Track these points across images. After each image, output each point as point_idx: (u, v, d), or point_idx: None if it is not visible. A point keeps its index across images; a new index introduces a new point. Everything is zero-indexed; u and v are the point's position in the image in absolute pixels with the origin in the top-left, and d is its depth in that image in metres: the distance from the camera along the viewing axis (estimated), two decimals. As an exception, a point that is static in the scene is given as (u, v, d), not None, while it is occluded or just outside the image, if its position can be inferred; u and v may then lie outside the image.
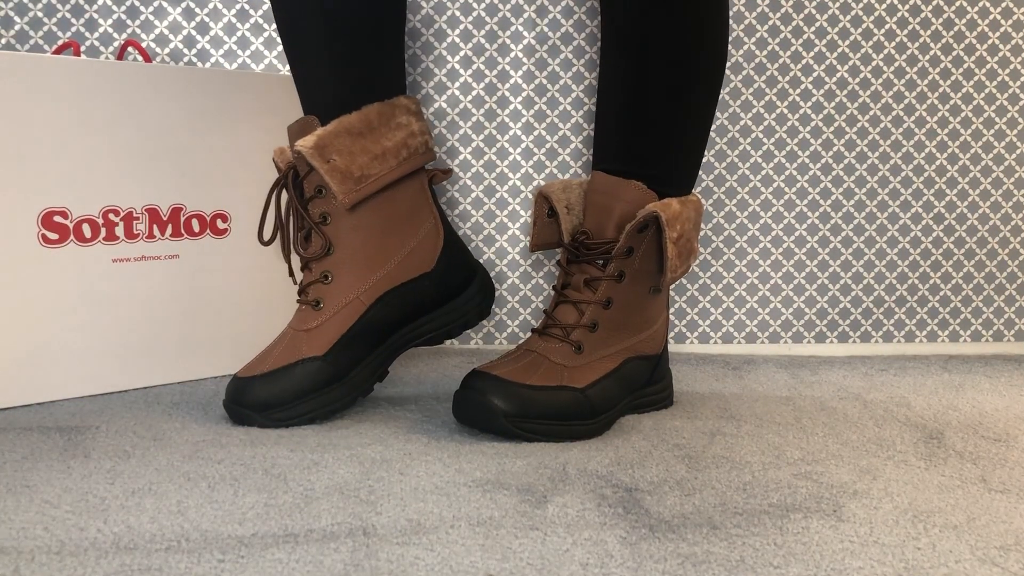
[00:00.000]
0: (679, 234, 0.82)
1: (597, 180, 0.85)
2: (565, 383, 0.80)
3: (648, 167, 0.84)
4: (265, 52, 1.11)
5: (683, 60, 0.83)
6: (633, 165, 0.84)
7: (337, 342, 0.82)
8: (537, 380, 0.80)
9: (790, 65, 1.19)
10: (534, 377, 0.80)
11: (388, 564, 0.55)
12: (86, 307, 0.89)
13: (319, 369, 0.81)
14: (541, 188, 0.88)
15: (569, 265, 0.86)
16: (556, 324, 0.84)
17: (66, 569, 0.53)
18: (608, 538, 0.60)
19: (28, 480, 0.67)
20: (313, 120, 0.83)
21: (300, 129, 0.84)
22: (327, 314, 0.83)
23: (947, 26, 1.21)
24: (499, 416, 0.77)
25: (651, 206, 0.81)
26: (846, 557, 0.58)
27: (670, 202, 0.82)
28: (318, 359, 0.82)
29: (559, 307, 0.85)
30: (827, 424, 0.88)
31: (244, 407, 0.81)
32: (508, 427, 0.78)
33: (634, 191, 0.83)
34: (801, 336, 1.23)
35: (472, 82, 1.15)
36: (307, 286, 0.84)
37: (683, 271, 0.85)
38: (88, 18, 1.08)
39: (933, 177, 1.23)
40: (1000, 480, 0.73)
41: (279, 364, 0.81)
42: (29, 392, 0.87)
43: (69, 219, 0.88)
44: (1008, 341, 1.27)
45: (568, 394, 0.80)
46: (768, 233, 1.21)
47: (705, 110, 0.86)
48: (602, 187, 0.84)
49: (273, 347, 0.83)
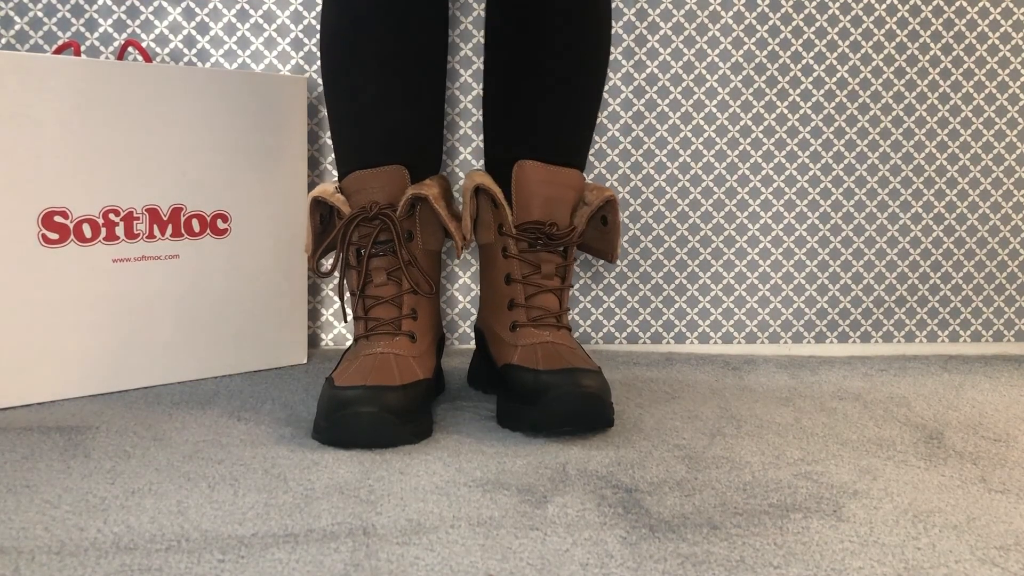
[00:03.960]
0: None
1: (540, 171, 0.86)
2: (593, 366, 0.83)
3: (578, 155, 0.90)
4: (265, 52, 1.11)
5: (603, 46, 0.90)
6: (567, 155, 0.88)
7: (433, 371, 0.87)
8: (592, 366, 0.82)
9: (790, 65, 1.19)
10: (589, 363, 0.82)
11: (388, 564, 0.55)
12: (86, 307, 0.89)
13: (429, 387, 0.84)
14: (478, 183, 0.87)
15: (525, 254, 0.87)
16: (549, 313, 0.86)
17: (66, 569, 0.53)
18: (608, 538, 0.60)
19: (28, 480, 0.67)
20: (402, 169, 0.86)
21: (391, 177, 0.85)
22: (423, 346, 0.86)
23: (947, 26, 1.21)
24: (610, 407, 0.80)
25: (599, 191, 0.87)
26: (846, 557, 0.58)
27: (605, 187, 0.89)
28: (430, 380, 0.84)
29: (539, 296, 0.86)
30: (827, 424, 0.88)
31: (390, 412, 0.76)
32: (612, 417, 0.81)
33: (576, 178, 0.88)
34: (801, 336, 1.23)
35: (472, 82, 1.15)
36: (400, 319, 0.85)
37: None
38: (88, 18, 1.08)
39: (933, 177, 1.23)
40: (1000, 480, 0.73)
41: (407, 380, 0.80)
42: (29, 392, 0.87)
43: (69, 219, 0.88)
44: (1008, 341, 1.27)
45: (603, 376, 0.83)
46: (768, 233, 1.21)
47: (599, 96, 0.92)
48: (548, 177, 0.86)
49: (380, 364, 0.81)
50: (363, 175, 0.86)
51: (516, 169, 0.87)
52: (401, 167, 0.86)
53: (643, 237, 1.19)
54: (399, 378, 0.79)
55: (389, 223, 0.84)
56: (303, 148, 1.03)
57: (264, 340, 1.02)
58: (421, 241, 0.87)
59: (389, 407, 0.76)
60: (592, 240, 0.91)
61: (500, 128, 0.90)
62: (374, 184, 0.85)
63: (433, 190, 0.86)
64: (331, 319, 1.16)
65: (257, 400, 0.90)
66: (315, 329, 1.16)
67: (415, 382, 0.80)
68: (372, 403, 0.75)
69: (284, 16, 1.11)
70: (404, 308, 0.86)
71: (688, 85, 1.17)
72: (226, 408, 0.87)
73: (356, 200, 0.86)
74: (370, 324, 0.85)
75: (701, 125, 1.18)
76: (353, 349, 0.86)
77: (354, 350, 0.85)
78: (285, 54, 1.11)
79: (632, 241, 1.19)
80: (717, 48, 1.17)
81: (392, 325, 0.85)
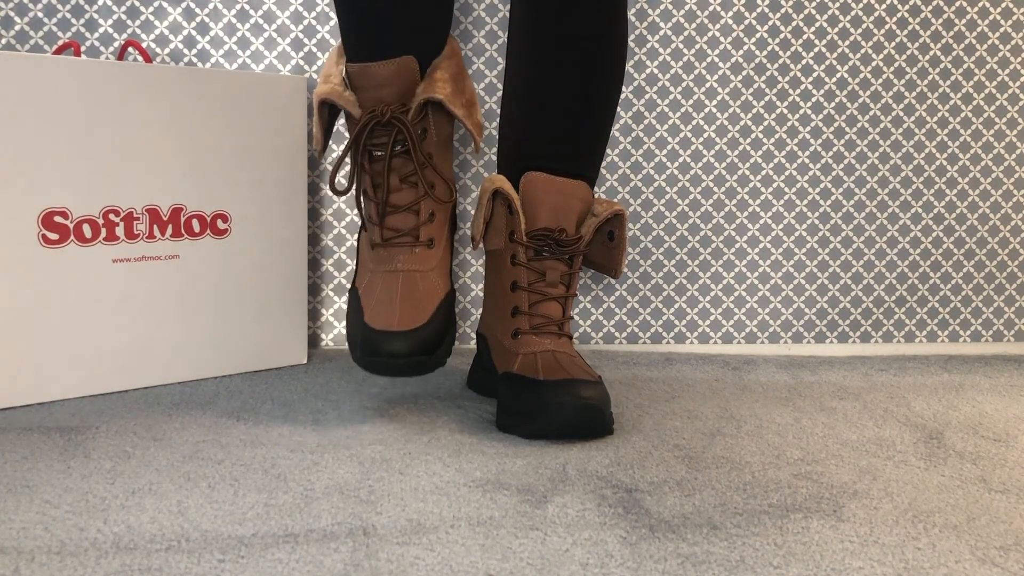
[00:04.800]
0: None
1: (548, 181, 0.87)
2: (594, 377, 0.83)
3: (588, 168, 0.89)
4: (265, 52, 1.11)
5: (619, 64, 0.90)
6: (576, 166, 0.88)
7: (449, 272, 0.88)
8: (592, 376, 0.82)
9: (790, 65, 1.19)
10: (589, 372, 0.83)
11: (388, 564, 0.55)
12: (86, 307, 0.89)
13: (451, 299, 0.86)
14: (497, 186, 0.87)
15: (532, 262, 0.87)
16: (551, 321, 0.86)
17: (66, 569, 0.53)
18: (608, 538, 0.60)
19: (28, 480, 0.67)
20: (411, 61, 0.82)
21: (399, 71, 0.82)
22: (440, 250, 0.86)
23: (947, 26, 1.21)
24: (610, 417, 0.81)
25: (608, 204, 0.88)
26: (846, 557, 0.58)
27: (615, 202, 0.89)
28: (451, 295, 0.86)
29: (543, 303, 0.87)
30: (827, 424, 0.88)
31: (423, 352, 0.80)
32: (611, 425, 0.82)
33: (584, 190, 0.88)
34: (801, 336, 1.23)
35: (472, 82, 1.15)
36: (418, 227, 0.85)
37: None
38: (88, 18, 1.08)
39: (933, 177, 1.23)
40: (1000, 480, 0.73)
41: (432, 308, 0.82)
42: (29, 392, 0.87)
43: (69, 219, 0.88)
44: (1008, 341, 1.27)
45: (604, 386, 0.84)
46: (768, 233, 1.21)
47: (614, 112, 0.92)
48: (557, 187, 0.87)
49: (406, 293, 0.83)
50: (371, 70, 0.82)
51: (523, 181, 0.87)
52: (410, 58, 0.82)
53: (643, 237, 1.19)
54: (426, 307, 0.82)
55: (403, 127, 0.82)
56: (303, 148, 1.03)
57: (264, 340, 1.02)
58: (435, 135, 0.85)
59: (422, 346, 0.80)
60: (597, 255, 0.91)
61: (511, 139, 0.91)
62: (383, 79, 0.82)
63: (446, 88, 0.83)
64: (331, 319, 1.16)
65: (257, 400, 0.90)
66: (315, 329, 1.16)
67: (439, 305, 0.83)
68: (405, 348, 0.79)
69: (284, 16, 1.11)
70: (422, 215, 0.85)
71: (688, 85, 1.17)
72: (226, 408, 0.87)
73: (365, 97, 0.83)
74: (387, 234, 0.85)
75: (701, 125, 1.18)
76: (372, 255, 0.86)
77: (373, 257, 0.86)
78: (285, 54, 1.11)
79: (632, 241, 1.19)
80: (717, 48, 1.17)
81: (411, 236, 0.84)
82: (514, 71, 0.90)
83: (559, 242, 0.86)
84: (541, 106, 0.88)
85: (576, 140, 0.88)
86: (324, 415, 0.86)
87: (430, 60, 0.84)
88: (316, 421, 0.84)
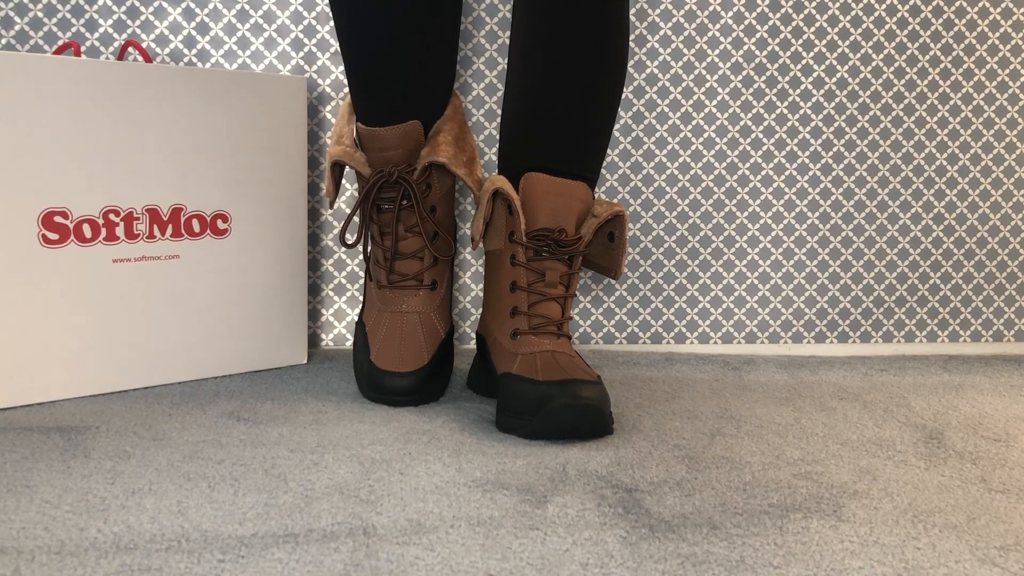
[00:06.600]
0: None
1: (548, 181, 0.87)
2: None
3: (588, 169, 0.90)
4: (265, 52, 1.11)
5: (620, 65, 0.90)
6: (576, 167, 0.89)
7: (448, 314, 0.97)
8: (591, 376, 0.82)
9: (790, 65, 1.19)
10: (588, 372, 0.83)
11: (388, 564, 0.55)
12: (86, 307, 0.89)
13: (449, 340, 0.95)
14: (498, 187, 0.87)
15: (532, 263, 0.87)
16: (550, 321, 0.86)
17: (66, 569, 0.53)
18: (608, 538, 0.60)
19: (28, 480, 0.67)
20: (416, 125, 0.90)
21: (405, 135, 0.90)
22: (442, 291, 0.96)
23: (947, 26, 1.21)
24: (609, 417, 0.81)
25: (608, 205, 0.88)
26: (846, 557, 0.58)
27: (615, 203, 0.90)
28: (449, 336, 0.95)
29: (542, 304, 0.87)
30: (827, 424, 0.88)
31: (423, 390, 0.90)
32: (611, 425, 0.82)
33: (584, 191, 0.88)
34: (801, 336, 1.23)
35: (472, 82, 1.15)
36: (423, 272, 0.94)
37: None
38: (88, 18, 1.08)
39: (933, 177, 1.23)
40: (1000, 480, 0.73)
41: (432, 350, 0.92)
42: (29, 392, 0.87)
43: (69, 219, 0.88)
44: (1008, 341, 1.27)
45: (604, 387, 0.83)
46: (768, 233, 1.21)
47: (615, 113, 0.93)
48: (557, 188, 0.87)
49: (409, 335, 0.93)
50: (379, 134, 0.90)
51: (523, 181, 0.87)
52: (415, 123, 0.90)
53: (643, 237, 1.19)
54: (426, 350, 0.92)
55: (408, 187, 0.91)
56: (303, 148, 1.03)
57: (264, 340, 1.02)
58: (438, 189, 0.94)
59: (421, 385, 0.90)
60: (597, 256, 0.92)
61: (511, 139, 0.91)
62: (390, 142, 0.91)
63: (448, 151, 0.91)
64: (331, 319, 1.16)
65: (257, 400, 0.90)
66: (315, 329, 1.16)
67: (438, 347, 0.93)
68: (406, 386, 0.90)
69: (284, 16, 1.11)
70: (426, 261, 0.95)
71: (688, 85, 1.17)
72: (226, 408, 0.87)
73: (374, 157, 0.92)
74: (393, 278, 0.94)
75: (701, 125, 1.18)
76: (379, 295, 0.95)
77: (380, 297, 0.95)
78: (285, 54, 1.11)
79: (632, 241, 1.19)
80: (717, 48, 1.17)
81: (415, 279, 0.94)
82: (515, 71, 0.90)
83: (559, 242, 0.86)
84: (541, 106, 0.88)
85: (576, 141, 0.88)
86: (324, 415, 0.86)
87: (435, 119, 0.93)
88: (316, 421, 0.84)
